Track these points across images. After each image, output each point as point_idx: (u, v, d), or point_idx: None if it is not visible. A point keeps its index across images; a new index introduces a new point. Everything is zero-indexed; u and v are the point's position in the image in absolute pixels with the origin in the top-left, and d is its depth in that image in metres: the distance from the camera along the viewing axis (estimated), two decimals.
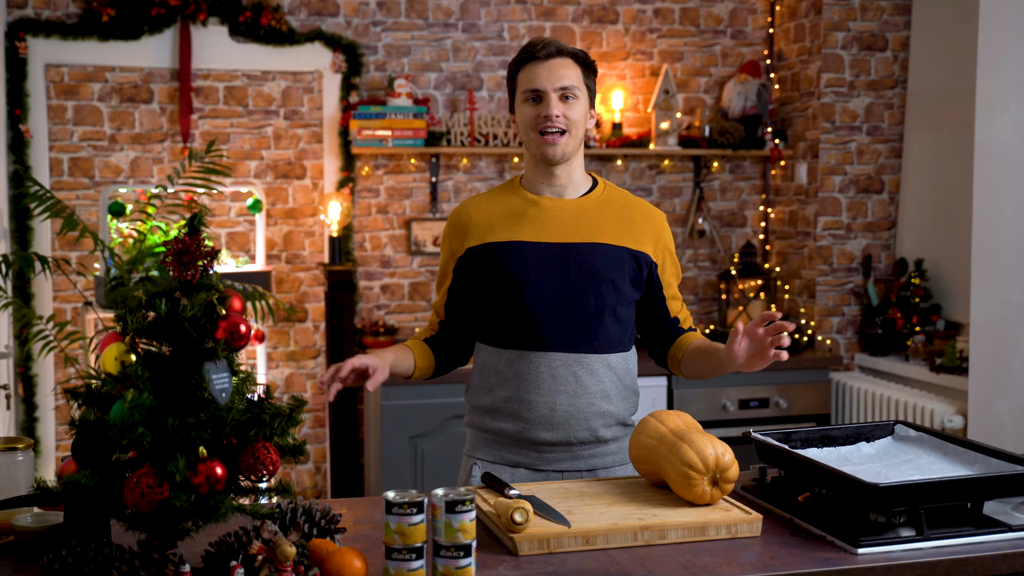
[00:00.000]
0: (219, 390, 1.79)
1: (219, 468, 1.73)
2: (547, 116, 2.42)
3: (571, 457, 2.47)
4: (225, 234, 4.94)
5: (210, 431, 1.77)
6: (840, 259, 5.11)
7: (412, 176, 5.12)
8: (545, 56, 2.44)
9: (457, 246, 2.53)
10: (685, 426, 2.21)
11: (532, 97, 2.45)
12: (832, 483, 2.06)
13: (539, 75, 2.43)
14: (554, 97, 2.42)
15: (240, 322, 1.82)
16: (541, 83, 2.43)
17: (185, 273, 1.82)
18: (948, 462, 2.21)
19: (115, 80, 4.78)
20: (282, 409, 1.86)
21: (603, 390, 2.46)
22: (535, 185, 2.53)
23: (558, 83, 2.43)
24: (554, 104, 2.42)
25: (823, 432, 2.38)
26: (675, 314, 2.58)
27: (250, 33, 4.84)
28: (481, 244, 2.49)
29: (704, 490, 2.08)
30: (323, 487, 5.10)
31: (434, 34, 5.11)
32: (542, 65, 2.44)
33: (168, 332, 1.80)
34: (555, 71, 2.43)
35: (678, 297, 2.60)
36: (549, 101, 2.42)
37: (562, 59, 2.45)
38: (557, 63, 2.44)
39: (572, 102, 2.44)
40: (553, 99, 2.42)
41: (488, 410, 2.51)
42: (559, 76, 2.43)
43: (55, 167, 4.74)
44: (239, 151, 4.93)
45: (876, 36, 5.06)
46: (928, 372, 4.59)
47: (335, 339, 4.71)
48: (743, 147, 5.25)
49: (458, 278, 2.54)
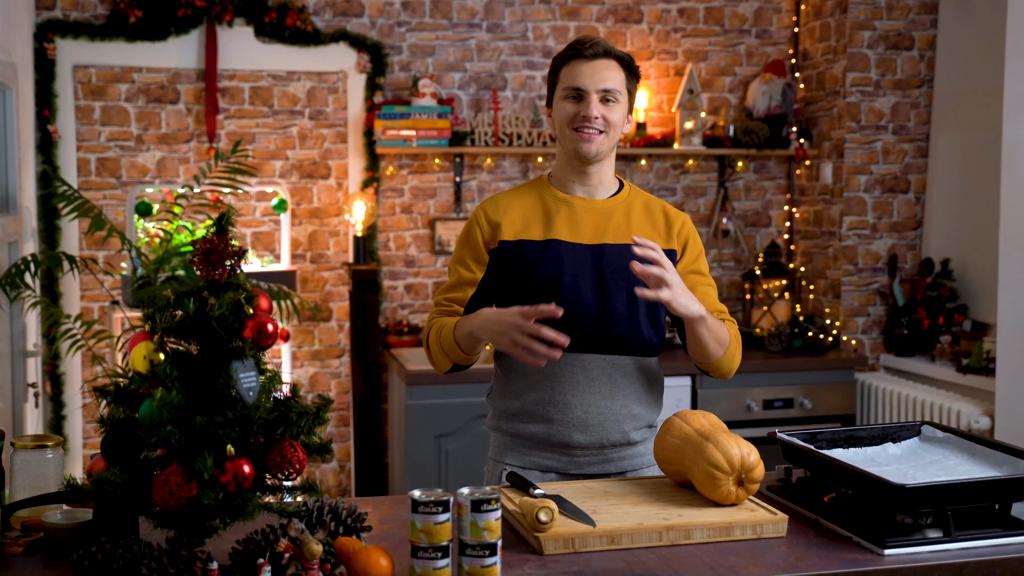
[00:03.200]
0: (246, 389, 1.80)
1: (247, 466, 1.74)
2: (585, 116, 2.41)
3: (602, 460, 2.46)
4: (251, 234, 4.97)
5: (237, 430, 1.78)
6: (866, 259, 5.08)
7: (436, 176, 5.13)
8: (592, 55, 2.42)
9: (489, 239, 2.49)
10: (711, 426, 2.20)
11: (573, 95, 2.43)
12: (858, 484, 2.05)
13: (583, 73, 2.42)
14: (595, 98, 2.41)
15: (267, 321, 1.83)
16: (584, 82, 2.42)
17: (213, 272, 1.83)
18: (975, 463, 2.19)
19: (142, 81, 4.81)
20: (309, 408, 1.86)
21: (635, 392, 2.46)
22: (566, 184, 2.52)
23: (601, 84, 2.41)
24: (594, 104, 2.41)
25: (849, 433, 2.37)
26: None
27: (275, 34, 4.86)
28: (516, 240, 2.46)
29: (730, 490, 2.08)
30: (347, 486, 5.12)
31: (458, 34, 5.12)
32: (587, 64, 2.42)
33: (196, 331, 1.81)
34: (599, 72, 2.42)
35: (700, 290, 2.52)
36: (590, 101, 2.41)
37: (608, 61, 2.43)
38: (602, 64, 2.42)
39: (612, 105, 2.43)
40: (594, 100, 2.41)
41: (516, 414, 2.49)
42: (603, 77, 2.41)
43: (83, 167, 4.78)
44: (264, 151, 4.96)
45: (902, 35, 5.03)
46: (954, 373, 4.56)
47: (359, 338, 4.72)
48: (768, 147, 5.23)
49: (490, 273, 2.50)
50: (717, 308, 2.54)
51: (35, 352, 4.21)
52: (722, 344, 2.43)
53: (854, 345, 5.05)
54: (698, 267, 2.55)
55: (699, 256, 2.56)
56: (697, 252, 2.55)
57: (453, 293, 2.52)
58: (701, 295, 2.52)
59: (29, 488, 2.08)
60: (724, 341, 2.43)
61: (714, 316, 2.43)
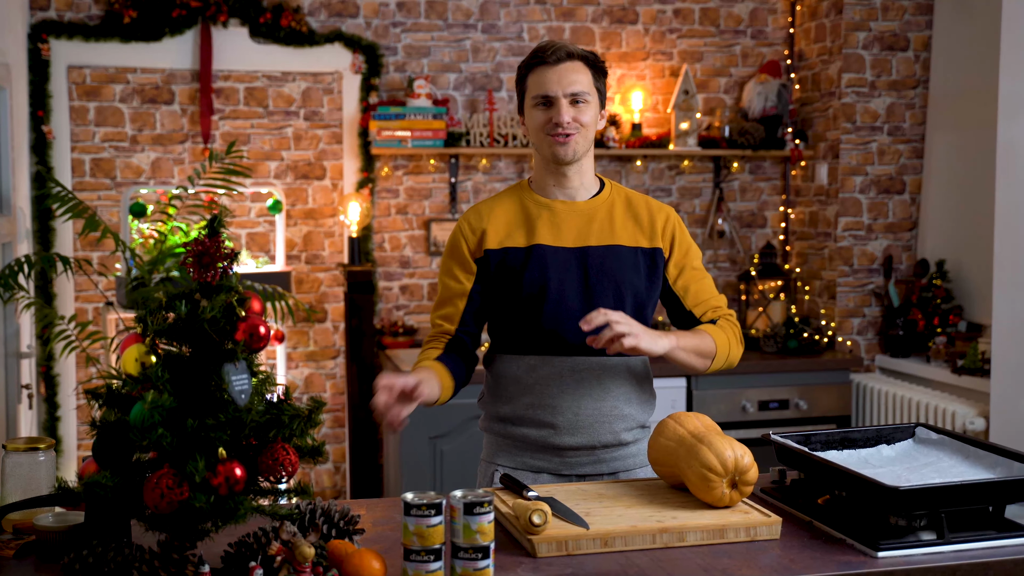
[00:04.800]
0: (238, 391, 1.79)
1: (238, 469, 1.74)
2: (557, 123, 2.40)
3: (594, 461, 2.47)
4: (245, 234, 4.96)
5: (229, 432, 1.77)
6: (861, 260, 5.08)
7: (431, 177, 5.12)
8: (555, 60, 2.41)
9: (475, 248, 2.49)
10: (704, 428, 2.20)
11: (542, 102, 2.42)
12: (852, 486, 2.04)
13: (549, 80, 2.41)
14: (564, 102, 2.40)
15: (259, 324, 1.83)
16: (551, 88, 2.40)
17: (205, 275, 1.83)
18: (969, 465, 2.19)
19: (136, 81, 4.80)
20: (301, 411, 1.86)
21: (625, 393, 2.47)
22: (546, 188, 2.51)
23: (568, 88, 2.40)
24: (564, 109, 2.40)
25: (843, 435, 2.37)
26: (690, 307, 2.52)
27: (270, 34, 4.85)
28: (500, 248, 2.47)
29: (723, 492, 2.08)
30: (343, 487, 5.11)
31: (454, 35, 5.11)
32: (552, 70, 2.41)
33: (188, 334, 1.81)
34: (565, 76, 2.40)
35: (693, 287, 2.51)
36: (559, 107, 2.40)
37: (572, 63, 2.42)
38: (567, 67, 2.41)
39: (583, 106, 2.42)
40: (563, 104, 2.40)
41: (508, 418, 2.50)
42: (570, 81, 2.40)
43: (77, 168, 4.77)
44: (259, 152, 4.95)
45: (897, 36, 5.03)
46: (950, 374, 4.56)
47: (354, 340, 4.72)
48: (763, 147, 5.23)
49: (480, 281, 2.50)
50: (714, 303, 2.54)
51: (29, 353, 4.20)
52: (707, 356, 2.44)
53: (849, 346, 5.05)
54: (690, 261, 2.53)
55: (689, 249, 2.53)
56: (687, 246, 2.53)
57: (443, 310, 2.52)
58: (697, 289, 2.52)
59: (21, 491, 2.07)
60: (708, 352, 2.44)
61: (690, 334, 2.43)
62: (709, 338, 2.44)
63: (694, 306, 2.53)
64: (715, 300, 2.55)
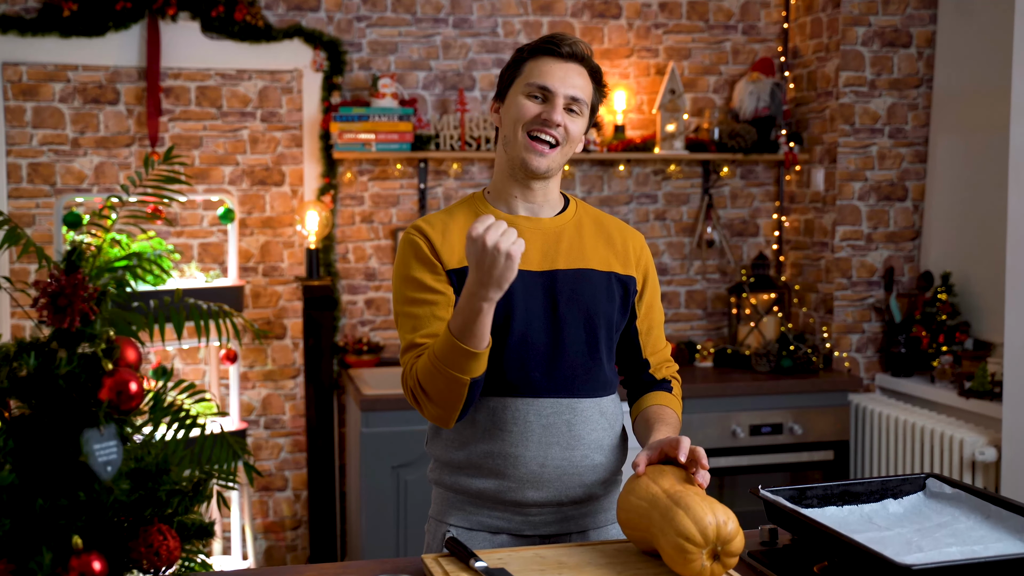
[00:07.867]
0: (103, 463, 1.46)
1: (97, 563, 1.41)
2: (547, 120, 2.13)
3: (561, 519, 2.18)
4: (198, 245, 4.64)
5: (88, 515, 1.44)
6: (860, 272, 4.85)
7: (399, 183, 4.82)
8: (568, 56, 2.17)
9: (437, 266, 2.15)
10: (682, 486, 1.90)
11: (537, 94, 2.16)
12: (854, 557, 1.76)
13: (554, 73, 2.15)
14: (561, 102, 2.15)
15: (130, 379, 1.50)
16: (553, 82, 2.15)
17: (61, 320, 1.49)
18: (990, 527, 1.93)
19: (78, 80, 4.49)
20: (183, 486, 1.52)
21: (598, 440, 2.19)
22: (508, 200, 2.22)
23: (570, 90, 2.15)
24: (559, 109, 2.14)
25: (843, 487, 2.11)
26: (647, 355, 2.30)
27: (224, 29, 4.56)
28: (460, 268, 2.13)
29: (703, 565, 1.79)
30: (302, 516, 4.79)
31: (423, 30, 4.82)
32: (560, 64, 2.16)
33: (40, 392, 1.48)
34: (571, 75, 2.17)
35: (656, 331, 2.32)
36: (555, 104, 2.14)
37: (582, 67, 2.19)
38: (576, 68, 2.18)
39: (576, 116, 2.18)
40: (560, 103, 2.15)
41: (461, 466, 2.18)
42: (574, 83, 2.16)
43: (13, 173, 4.46)
44: (212, 156, 4.64)
45: (899, 31, 4.81)
46: (956, 396, 4.31)
47: (312, 360, 4.39)
48: (755, 151, 5.02)
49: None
50: (666, 355, 2.35)
51: None
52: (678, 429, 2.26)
53: (847, 365, 4.82)
54: (656, 298, 2.32)
55: (656, 284, 2.33)
56: (654, 282, 2.32)
57: (427, 328, 2.11)
58: (658, 334, 2.32)
59: None
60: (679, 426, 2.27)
61: (675, 419, 2.25)
62: (675, 417, 2.26)
63: (651, 354, 2.31)
64: (667, 350, 2.35)
